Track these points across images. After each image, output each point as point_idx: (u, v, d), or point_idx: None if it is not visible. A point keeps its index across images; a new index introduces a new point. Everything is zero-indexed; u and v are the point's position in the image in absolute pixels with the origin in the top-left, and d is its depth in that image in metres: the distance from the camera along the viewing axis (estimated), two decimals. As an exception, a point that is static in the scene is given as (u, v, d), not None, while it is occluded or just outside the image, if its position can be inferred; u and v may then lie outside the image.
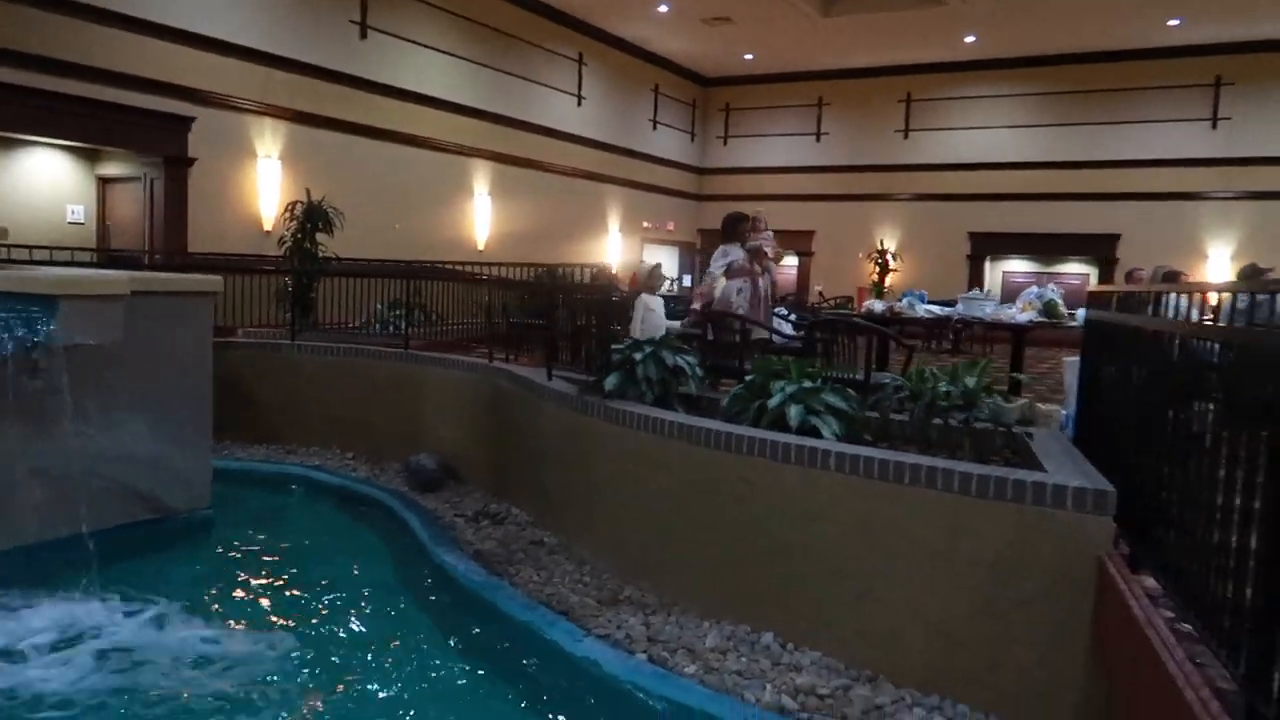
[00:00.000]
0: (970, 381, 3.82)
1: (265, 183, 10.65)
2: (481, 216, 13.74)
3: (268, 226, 10.58)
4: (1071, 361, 7.35)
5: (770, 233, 7.64)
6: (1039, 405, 6.82)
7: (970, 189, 16.52)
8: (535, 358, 6.52)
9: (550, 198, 14.97)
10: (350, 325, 8.88)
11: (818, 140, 17.98)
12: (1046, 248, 16.45)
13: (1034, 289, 7.26)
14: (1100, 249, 15.65)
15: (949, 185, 16.74)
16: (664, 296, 7.44)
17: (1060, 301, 6.95)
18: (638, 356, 4.94)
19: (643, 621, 4.24)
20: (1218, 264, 14.78)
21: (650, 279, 6.68)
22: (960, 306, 8.23)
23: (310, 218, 8.93)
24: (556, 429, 5.42)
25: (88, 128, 9.11)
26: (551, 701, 3.76)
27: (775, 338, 7.01)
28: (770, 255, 7.38)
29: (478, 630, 4.33)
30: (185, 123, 9.72)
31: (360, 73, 11.64)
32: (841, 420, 4.18)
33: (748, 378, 4.62)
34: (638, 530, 4.71)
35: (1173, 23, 13.76)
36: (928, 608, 3.53)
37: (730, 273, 7.09)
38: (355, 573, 5.19)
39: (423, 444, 6.93)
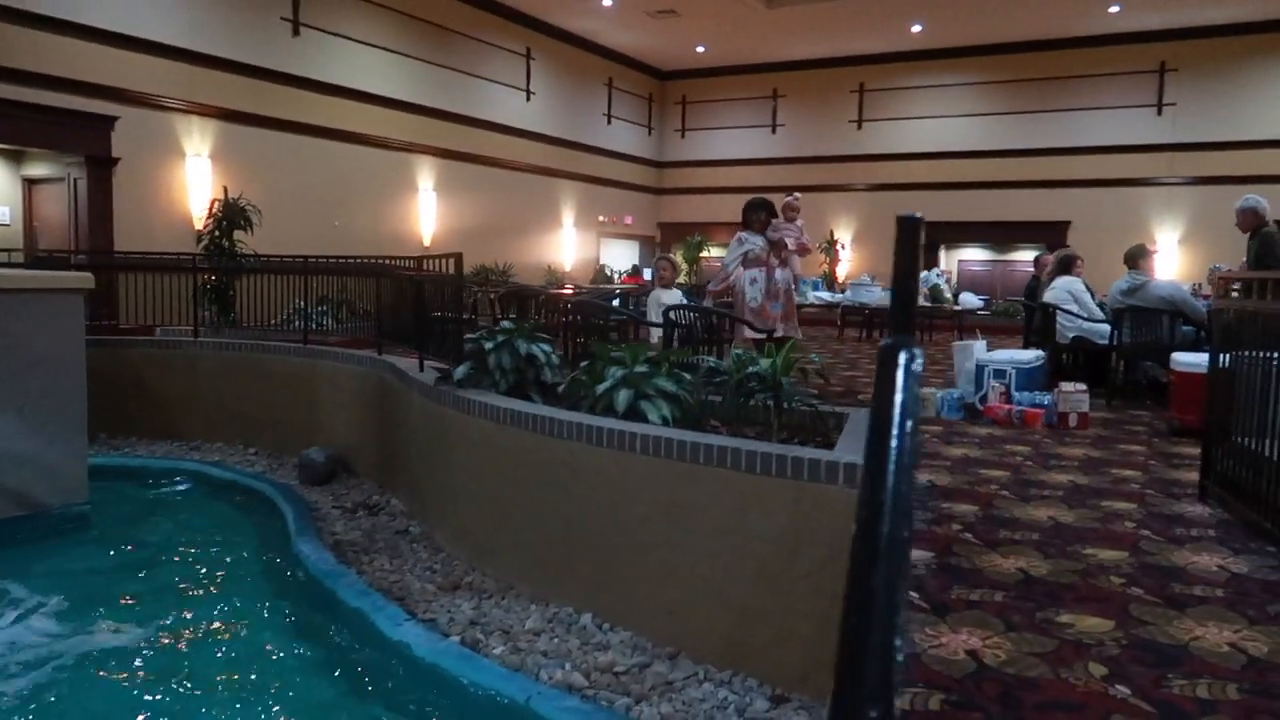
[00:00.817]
0: (773, 364, 3.83)
1: (195, 181, 10.65)
2: (426, 212, 13.74)
3: (199, 225, 10.58)
4: (961, 346, 7.41)
5: (800, 222, 7.25)
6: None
7: (923, 178, 16.53)
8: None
9: (500, 193, 14.97)
10: (272, 323, 8.90)
11: (773, 132, 17.99)
12: (1000, 235, 16.47)
13: (921, 274, 7.28)
14: (1052, 236, 15.63)
15: (902, 174, 16.75)
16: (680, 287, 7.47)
17: (945, 287, 6.98)
18: (489, 346, 4.94)
19: (474, 606, 4.25)
20: (1166, 249, 14.79)
21: (660, 273, 6.76)
22: (849, 293, 8.24)
23: (228, 216, 8.94)
24: (422, 420, 5.44)
25: (7, 128, 9.12)
26: (367, 683, 3.78)
27: (756, 333, 6.66)
28: (792, 248, 6.92)
29: (314, 617, 4.35)
30: (108, 122, 9.72)
31: (293, 70, 11.65)
32: (673, 404, 4.19)
33: (583, 363, 4.63)
34: (484, 517, 4.74)
35: (1113, 9, 13.77)
36: (723, 584, 3.54)
37: (746, 262, 6.73)
38: (219, 565, 5.21)
39: (320, 437, 6.95)
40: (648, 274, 17.95)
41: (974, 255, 17.30)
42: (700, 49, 16.97)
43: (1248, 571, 3.47)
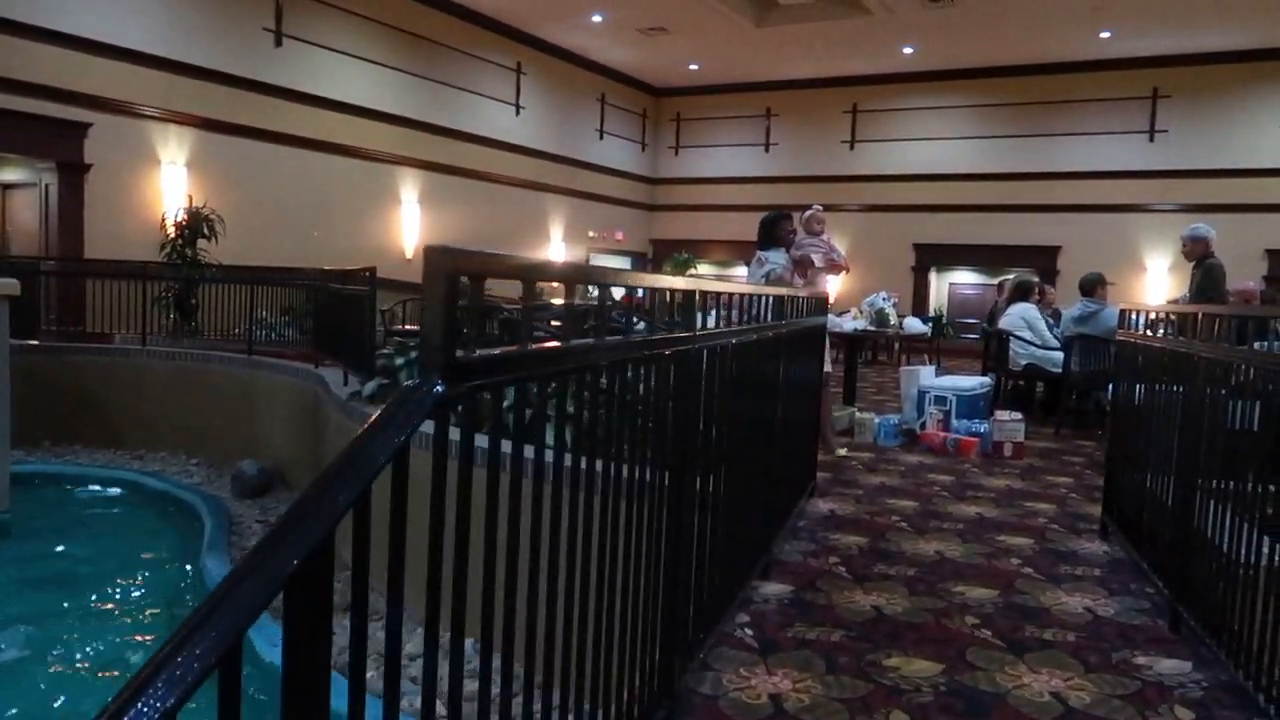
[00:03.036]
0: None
1: (170, 189, 10.71)
2: (409, 225, 13.78)
3: (173, 233, 10.66)
4: (908, 371, 7.33)
5: (826, 236, 6.38)
6: (857, 413, 6.79)
7: (915, 200, 16.42)
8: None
9: (487, 206, 14.99)
10: (234, 332, 8.93)
11: (767, 151, 17.95)
12: (990, 259, 16.32)
13: (869, 298, 7.21)
14: (1043, 260, 15.49)
15: (894, 196, 16.65)
16: None
17: (892, 311, 6.90)
18: (399, 362, 4.93)
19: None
20: (1156, 276, 14.62)
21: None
22: (829, 319, 8.16)
23: (192, 225, 9.01)
24: (336, 436, 5.42)
25: (-22, 133, 9.23)
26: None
27: None
28: (819, 265, 6.04)
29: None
30: (80, 129, 9.80)
31: (276, 80, 11.72)
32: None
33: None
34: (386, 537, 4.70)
35: (1104, 35, 13.65)
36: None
37: (770, 283, 5.77)
38: (131, 575, 5.20)
39: (258, 450, 6.95)
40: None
41: (965, 278, 17.15)
42: (693, 66, 16.97)
43: (1113, 614, 3.38)
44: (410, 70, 13.44)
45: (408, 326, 7.61)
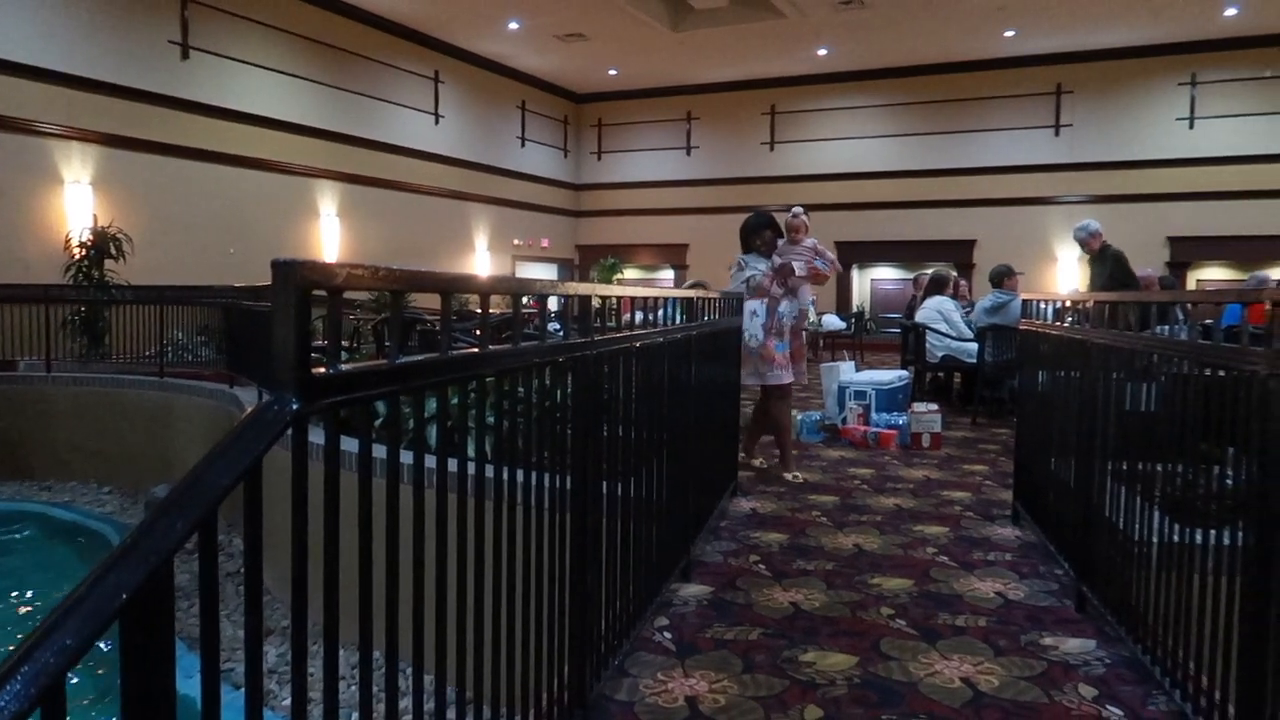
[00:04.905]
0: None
1: (74, 209, 10.35)
2: (330, 238, 13.54)
3: (78, 254, 10.30)
4: (828, 367, 7.44)
5: (811, 241, 5.78)
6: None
7: (835, 199, 16.65)
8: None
9: (409, 217, 14.81)
10: (146, 354, 8.66)
11: (689, 154, 18.07)
12: (909, 255, 16.66)
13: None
14: (959, 254, 15.87)
15: (815, 195, 16.81)
16: None
17: (811, 309, 6.98)
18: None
19: (281, 653, 4.14)
20: (1067, 266, 15.09)
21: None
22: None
23: (98, 245, 8.72)
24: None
25: None
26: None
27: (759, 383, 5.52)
28: (800, 273, 5.55)
29: (106, 667, 4.18)
30: (-26, 149, 9.43)
31: (183, 94, 11.41)
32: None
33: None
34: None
35: (1008, 34, 14.08)
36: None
37: (750, 292, 5.48)
38: (36, 613, 5.00)
39: (175, 474, 6.74)
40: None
41: (886, 274, 17.49)
42: (612, 72, 17.01)
43: (1023, 598, 3.46)
44: (325, 81, 13.21)
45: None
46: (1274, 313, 2.07)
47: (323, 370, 1.16)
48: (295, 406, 1.09)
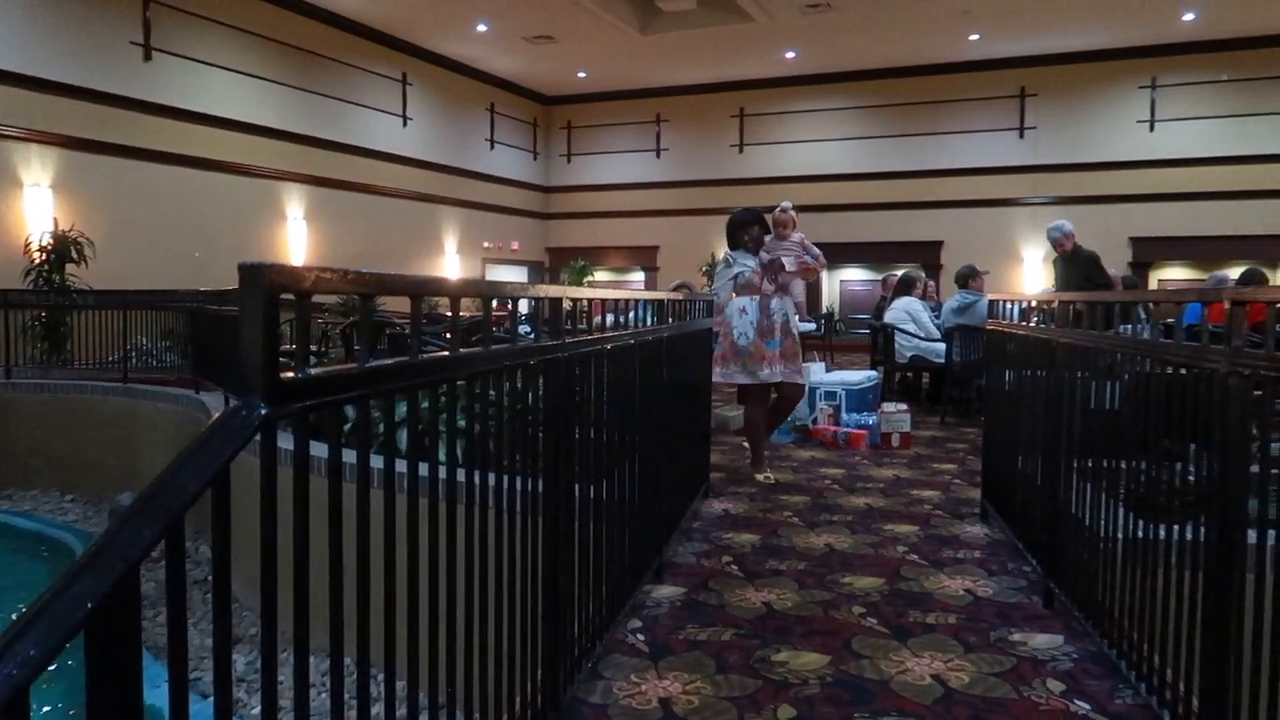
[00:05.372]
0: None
1: (34, 213, 10.16)
2: (296, 241, 13.41)
3: (38, 258, 10.12)
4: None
5: (799, 236, 5.60)
6: (724, 411, 6.94)
7: (803, 200, 16.56)
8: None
9: (377, 220, 14.70)
10: (110, 359, 8.53)
11: (658, 156, 18.10)
12: (877, 256, 16.79)
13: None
14: (927, 255, 16.02)
15: (783, 197, 16.47)
16: None
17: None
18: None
19: (249, 661, 4.11)
20: (1032, 266, 15.30)
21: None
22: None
23: (58, 249, 8.58)
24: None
25: None
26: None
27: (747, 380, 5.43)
28: (790, 269, 5.41)
29: (73, 679, 4.11)
30: (-71, 152, 9.25)
31: (146, 96, 11.26)
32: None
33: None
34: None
35: (973, 37, 14.25)
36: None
37: (739, 289, 5.42)
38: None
39: (139, 481, 6.64)
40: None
41: (855, 275, 17.63)
42: (582, 74, 17.00)
43: (992, 594, 3.50)
44: (291, 83, 13.09)
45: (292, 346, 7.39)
46: (1232, 312, 2.11)
47: (291, 374, 1.15)
48: (264, 411, 1.08)
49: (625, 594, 3.16)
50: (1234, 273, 9.02)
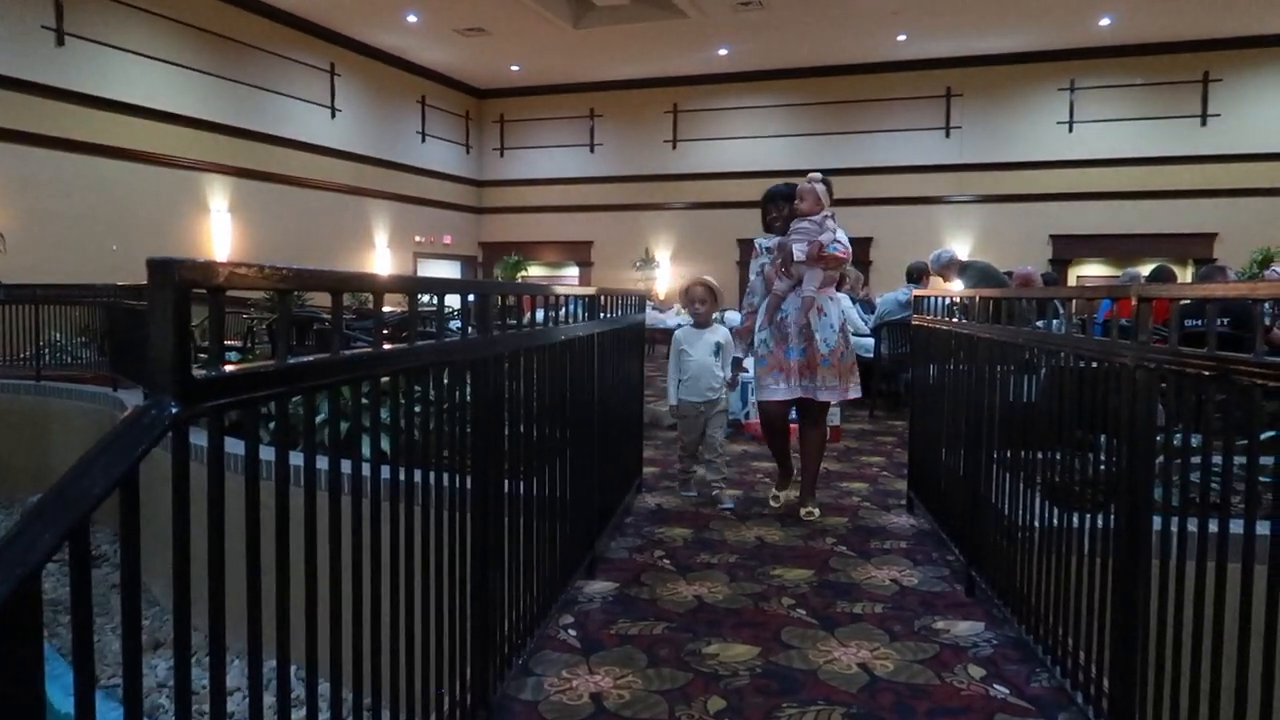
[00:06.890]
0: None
1: (-62, 204, 9.75)
2: (220, 234, 13.05)
3: (-57, 251, 9.69)
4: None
5: (821, 215, 4.55)
6: (656, 407, 6.99)
7: (736, 197, 16.81)
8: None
9: (305, 213, 14.39)
10: (21, 356, 8.20)
11: (592, 151, 18.06)
12: (809, 252, 16.99)
13: (690, 294, 7.40)
14: (856, 251, 16.12)
15: (717, 194, 17.08)
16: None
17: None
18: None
19: (170, 666, 3.98)
20: (958, 264, 15.63)
21: (694, 306, 4.86)
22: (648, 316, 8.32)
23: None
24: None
25: None
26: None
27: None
28: (799, 257, 4.41)
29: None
30: None
31: (58, 83, 10.83)
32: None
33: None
34: (193, 566, 4.43)
35: (900, 38, 14.51)
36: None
37: (764, 279, 4.70)
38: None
39: (52, 482, 6.41)
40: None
41: (788, 271, 17.85)
42: (515, 68, 16.87)
43: (917, 584, 3.58)
44: (214, 72, 12.73)
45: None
46: (1139, 308, 2.19)
47: (204, 372, 1.13)
48: (174, 410, 1.06)
49: (557, 590, 3.15)
50: (1147, 269, 9.37)
